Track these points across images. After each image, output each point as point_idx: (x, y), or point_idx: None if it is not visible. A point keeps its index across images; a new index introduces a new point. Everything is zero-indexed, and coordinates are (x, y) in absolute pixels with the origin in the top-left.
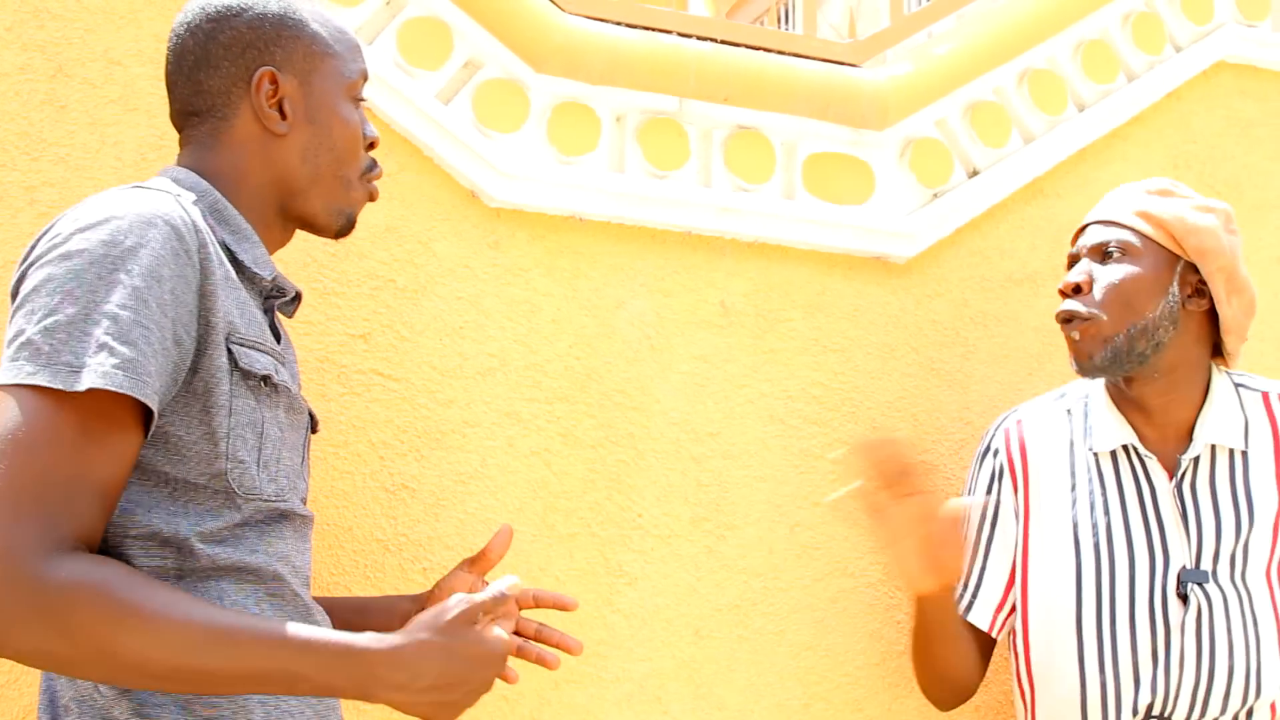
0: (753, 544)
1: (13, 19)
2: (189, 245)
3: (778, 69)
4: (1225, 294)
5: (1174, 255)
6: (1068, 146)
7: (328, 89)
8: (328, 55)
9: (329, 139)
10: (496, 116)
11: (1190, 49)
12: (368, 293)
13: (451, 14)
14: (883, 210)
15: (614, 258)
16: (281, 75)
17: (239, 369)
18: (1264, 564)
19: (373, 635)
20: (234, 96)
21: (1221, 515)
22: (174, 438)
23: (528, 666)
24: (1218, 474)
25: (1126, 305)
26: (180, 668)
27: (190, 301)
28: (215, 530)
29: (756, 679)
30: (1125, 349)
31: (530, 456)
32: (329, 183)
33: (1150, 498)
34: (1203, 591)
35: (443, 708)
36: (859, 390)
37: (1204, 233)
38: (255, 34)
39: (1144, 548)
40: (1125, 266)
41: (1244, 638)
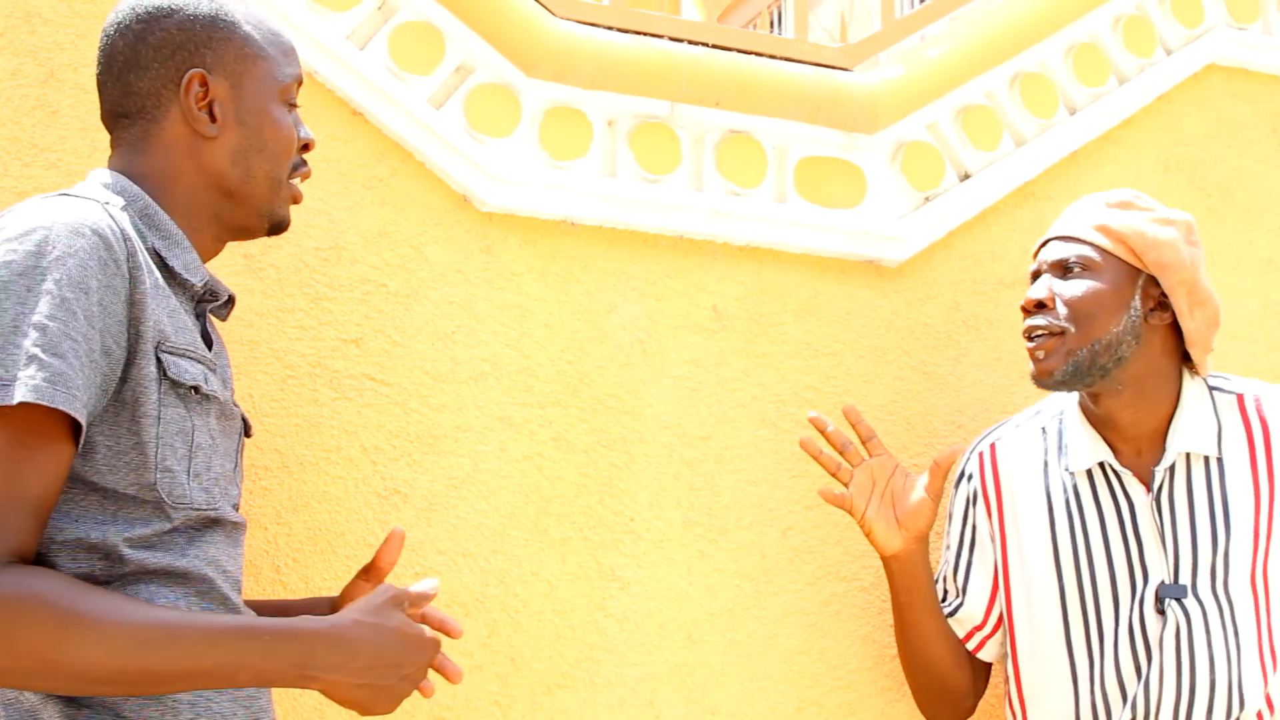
0: (745, 548)
1: (4, 24)
2: (117, 254)
3: (769, 73)
4: (1188, 307)
5: (1135, 269)
6: (1059, 150)
7: (259, 91)
8: (260, 58)
9: (259, 141)
10: (488, 121)
11: (1181, 52)
12: (359, 297)
13: (443, 19)
14: (874, 214)
15: (606, 262)
16: (212, 77)
17: (168, 378)
18: (1247, 570)
19: (309, 618)
20: (164, 98)
21: (1198, 527)
22: (103, 448)
23: (518, 670)
24: (1194, 483)
25: (1089, 320)
26: (124, 670)
27: (119, 311)
28: (144, 536)
29: (749, 683)
30: (1087, 363)
31: (522, 461)
32: (260, 185)
33: (1129, 514)
34: (1181, 607)
35: (379, 692)
36: (851, 394)
37: (1164, 246)
38: (185, 35)
39: (1124, 565)
40: (1086, 281)
41: (1225, 651)
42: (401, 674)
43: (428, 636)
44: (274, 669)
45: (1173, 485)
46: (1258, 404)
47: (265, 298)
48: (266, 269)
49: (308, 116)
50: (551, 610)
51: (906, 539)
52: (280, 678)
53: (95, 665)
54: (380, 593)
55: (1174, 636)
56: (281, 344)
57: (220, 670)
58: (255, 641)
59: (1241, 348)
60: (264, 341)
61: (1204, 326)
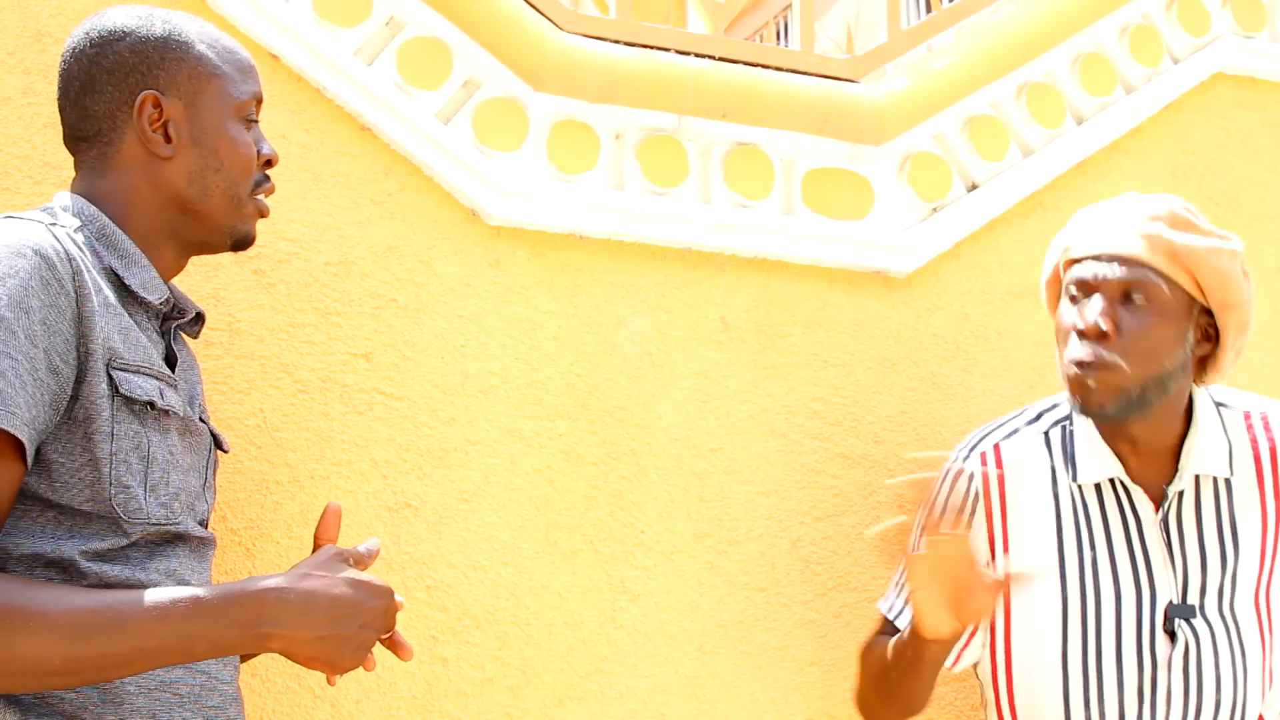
0: (755, 559)
1: (15, 44)
2: (60, 274)
3: (776, 85)
4: (1233, 340)
5: (1193, 300)
6: (1066, 159)
7: (214, 110)
8: (214, 76)
9: (216, 159)
10: (496, 135)
11: (1188, 60)
12: (369, 312)
13: (450, 34)
14: (882, 225)
15: (614, 275)
16: (165, 98)
17: (120, 395)
18: (1251, 591)
19: (257, 577)
20: (119, 121)
21: (1207, 548)
22: (56, 465)
23: (529, 682)
24: (1203, 504)
25: (1148, 357)
26: (75, 659)
27: (65, 330)
28: (101, 550)
29: (760, 695)
30: (1137, 398)
31: (532, 474)
32: (219, 203)
33: (1136, 530)
34: (1190, 627)
35: (342, 645)
36: (860, 405)
37: (1230, 282)
38: (138, 58)
39: (1130, 582)
40: (1151, 315)
41: (1231, 672)
42: (361, 623)
43: (380, 584)
44: (229, 635)
45: (1181, 506)
46: (1265, 422)
47: (275, 312)
48: (276, 284)
49: (316, 132)
50: (562, 622)
51: (955, 628)
52: (238, 642)
53: (46, 658)
54: (322, 552)
55: (1182, 657)
56: (292, 358)
57: (174, 645)
58: (204, 609)
59: (1249, 356)
60: (274, 356)
61: (1235, 356)
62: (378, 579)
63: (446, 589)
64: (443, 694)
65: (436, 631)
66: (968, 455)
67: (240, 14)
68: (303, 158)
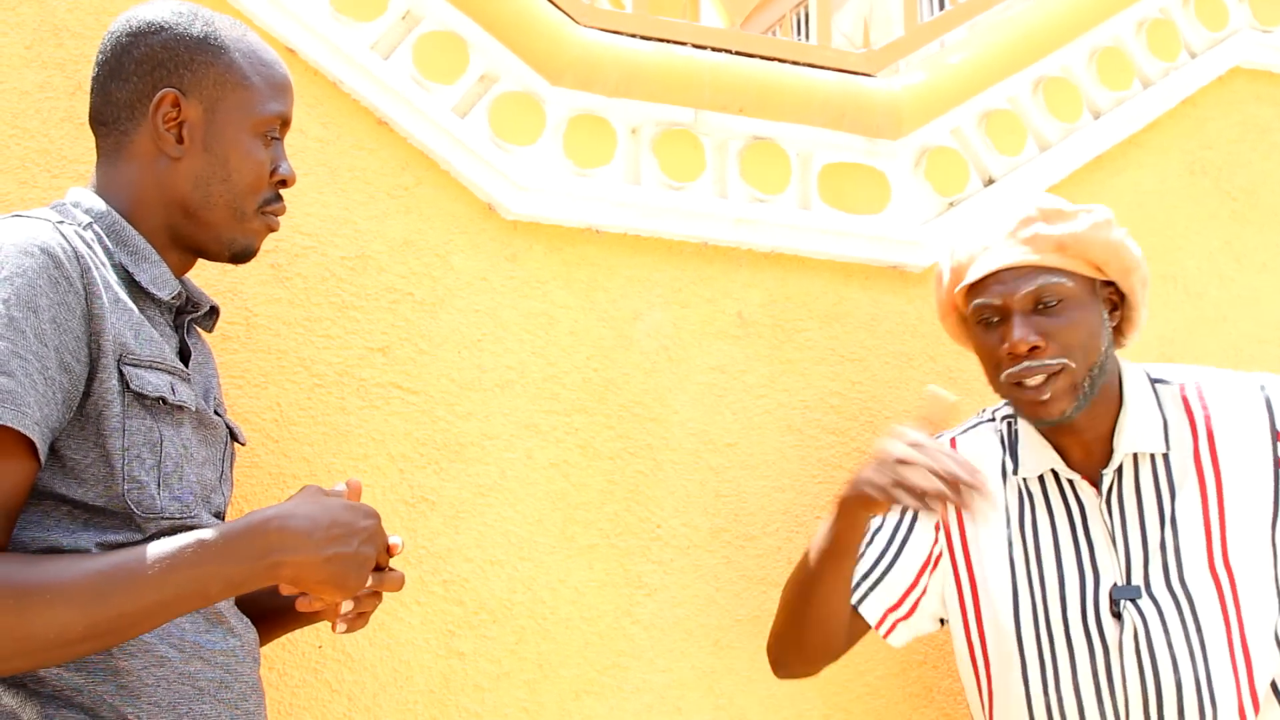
0: (771, 554)
1: (32, 38)
2: (68, 272)
3: (792, 79)
4: (1143, 298)
5: (1094, 280)
6: (1083, 154)
7: (232, 120)
8: (240, 86)
9: (223, 170)
10: (513, 129)
11: (1205, 55)
12: (386, 306)
13: (467, 28)
14: (899, 219)
15: (631, 269)
16: (185, 99)
17: (130, 390)
18: (1203, 562)
19: (256, 512)
20: (136, 112)
21: (1147, 524)
22: (70, 461)
23: (546, 677)
24: (1142, 481)
25: (1085, 349)
26: (95, 623)
27: (76, 327)
28: (116, 543)
29: (776, 690)
30: (1089, 391)
31: (549, 468)
32: (220, 213)
33: (1080, 517)
34: (1136, 608)
35: (347, 564)
36: (877, 399)
37: (1122, 250)
38: (168, 53)
39: (1074, 569)
40: (1069, 312)
41: (1188, 650)
42: (359, 539)
43: (366, 505)
44: (241, 570)
45: (1121, 485)
46: (1199, 392)
47: (292, 307)
48: (294, 278)
49: (333, 126)
50: (579, 617)
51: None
52: (251, 577)
53: (67, 628)
54: (303, 490)
55: (1133, 639)
56: (309, 353)
57: (190, 590)
58: (213, 550)
59: (1266, 350)
60: (291, 350)
61: (1143, 311)
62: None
63: (463, 583)
64: (459, 688)
65: (453, 625)
66: None
67: (257, 8)
68: (319, 152)
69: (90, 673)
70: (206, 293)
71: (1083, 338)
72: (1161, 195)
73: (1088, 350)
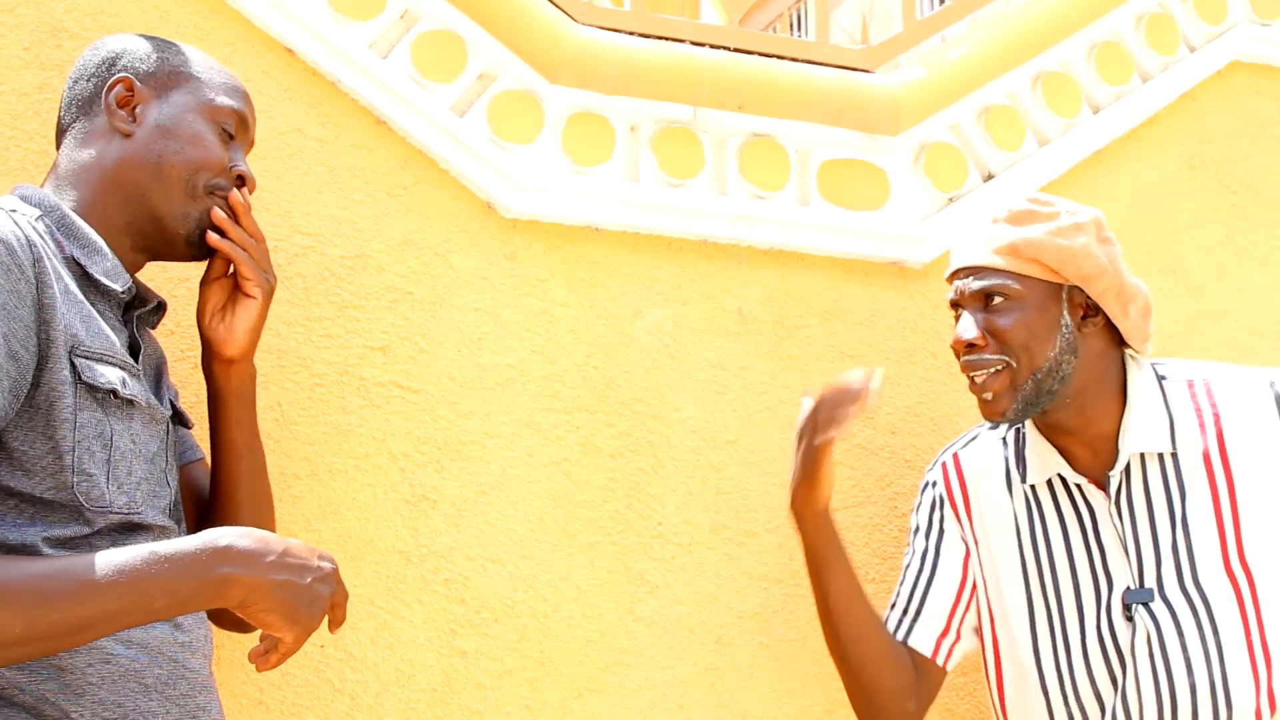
0: (773, 551)
1: (30, 39)
2: (20, 259)
3: (791, 76)
4: (1120, 309)
5: (1056, 284)
6: (1083, 149)
7: (185, 104)
8: (193, 78)
9: (176, 143)
10: (511, 128)
11: (1204, 49)
12: (386, 305)
13: (465, 27)
14: (898, 215)
15: (630, 267)
16: (139, 85)
17: (83, 382)
18: (1218, 561)
19: (210, 530)
20: (95, 106)
21: (1158, 526)
22: (18, 452)
23: (548, 675)
24: (1151, 482)
25: (1025, 350)
26: (35, 626)
27: (25, 316)
28: (64, 537)
29: (779, 686)
30: (1034, 395)
31: (550, 466)
32: (173, 184)
33: (1090, 522)
34: (1148, 611)
35: (299, 595)
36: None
37: (1080, 256)
38: (126, 53)
39: (1087, 574)
40: (1012, 313)
41: (1203, 652)
42: (314, 575)
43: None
44: (188, 585)
45: (1130, 487)
46: (1208, 388)
47: (292, 306)
48: (293, 278)
49: (332, 126)
50: (581, 615)
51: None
52: (198, 594)
53: (4, 629)
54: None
55: (1145, 643)
56: (309, 352)
57: (133, 601)
58: (161, 561)
59: (1266, 344)
60: (291, 350)
61: (1140, 320)
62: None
63: (465, 582)
64: (461, 687)
65: (455, 624)
66: (932, 468)
67: (256, 9)
68: (318, 151)
69: (33, 671)
70: (150, 288)
71: (1024, 339)
72: (1161, 189)
73: (1031, 352)
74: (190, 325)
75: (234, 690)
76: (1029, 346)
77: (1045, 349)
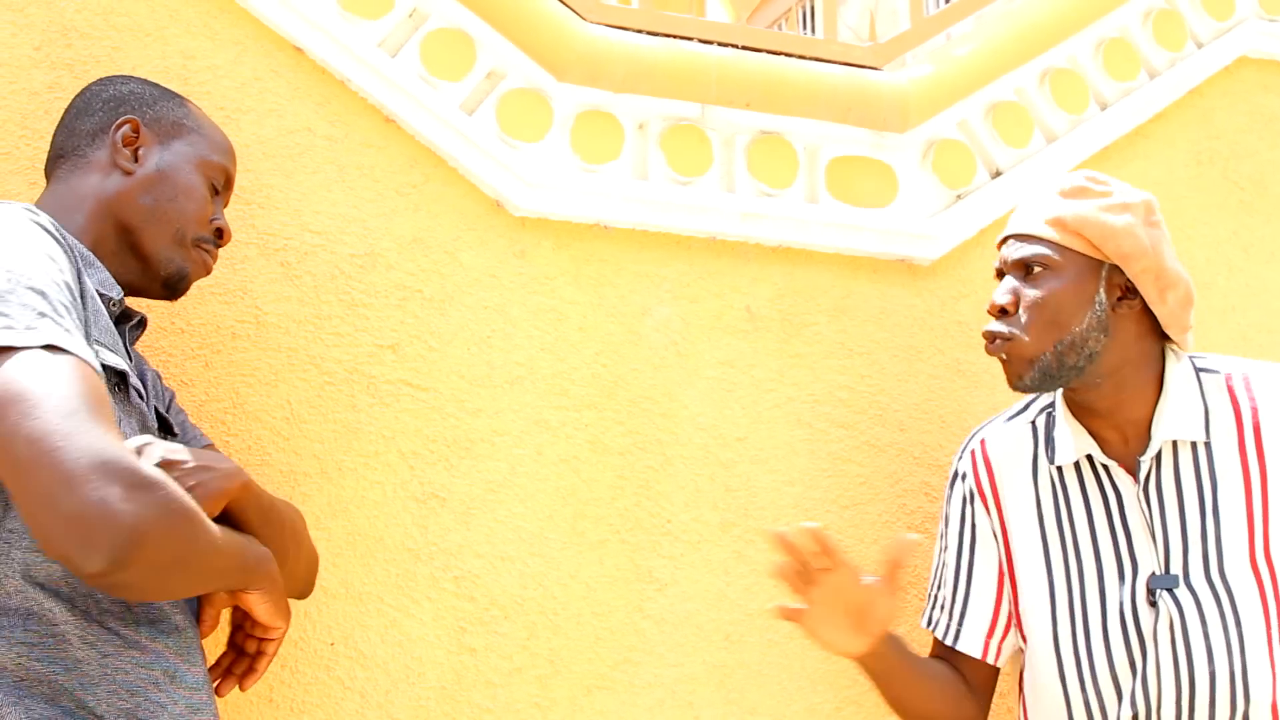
0: None
1: (41, 38)
2: (62, 245)
3: (799, 73)
4: (1157, 292)
5: (1097, 261)
6: (1090, 145)
7: (184, 154)
8: (194, 132)
9: (171, 190)
10: (520, 126)
11: (1212, 45)
12: (395, 303)
13: (474, 25)
14: (906, 212)
15: (639, 265)
16: (145, 129)
17: (106, 366)
18: (1245, 555)
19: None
20: (98, 140)
21: (1187, 514)
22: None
23: (558, 672)
24: (1182, 470)
25: (1051, 323)
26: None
27: (73, 285)
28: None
29: (788, 683)
30: (1054, 366)
31: (559, 464)
32: (164, 230)
33: (1117, 505)
34: (1172, 598)
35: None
36: (885, 393)
37: (1121, 234)
38: (135, 96)
39: (1111, 558)
40: (1047, 283)
41: (1224, 642)
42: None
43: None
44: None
45: (1160, 474)
46: (1246, 382)
47: (302, 305)
48: (303, 276)
49: (341, 124)
50: (590, 612)
51: (869, 641)
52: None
53: (217, 555)
54: None
55: (1168, 629)
56: (318, 350)
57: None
58: (249, 544)
59: (1275, 340)
60: (301, 348)
61: (1177, 308)
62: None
63: (474, 579)
64: (471, 684)
65: (465, 622)
66: (961, 456)
67: (265, 7)
68: (328, 150)
69: (51, 661)
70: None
71: (1050, 312)
72: (1169, 186)
73: (1053, 326)
74: (198, 324)
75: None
76: (1055, 319)
77: (1071, 323)
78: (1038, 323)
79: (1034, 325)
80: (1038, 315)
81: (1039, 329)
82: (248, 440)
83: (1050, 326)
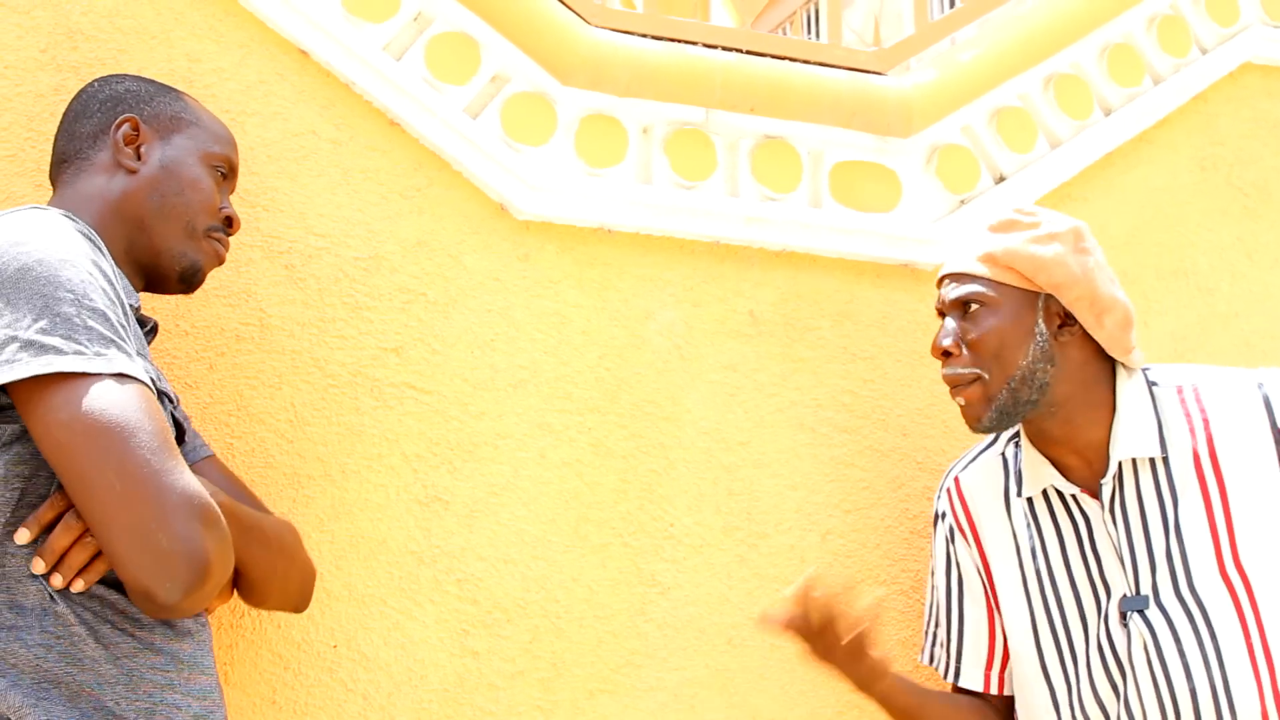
0: (784, 552)
1: (47, 41)
2: (99, 249)
3: (803, 78)
4: (1094, 318)
5: (1032, 292)
6: (1094, 151)
7: (186, 148)
8: (193, 124)
9: (177, 184)
10: (524, 130)
11: (1216, 51)
12: (399, 306)
13: (478, 29)
14: (910, 217)
15: (643, 269)
16: (144, 126)
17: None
18: (1213, 567)
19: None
20: (100, 141)
21: (1151, 533)
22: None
23: (560, 675)
24: (1143, 489)
25: (996, 358)
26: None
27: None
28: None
29: (790, 687)
30: (1010, 403)
31: (562, 467)
32: (174, 225)
33: (1086, 531)
34: (1143, 619)
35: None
36: (888, 398)
37: (1052, 265)
38: (131, 94)
39: (1086, 584)
40: (987, 320)
41: (1201, 658)
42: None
43: None
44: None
45: (1123, 495)
46: (1196, 394)
47: (306, 307)
48: (307, 279)
49: (346, 128)
50: (592, 616)
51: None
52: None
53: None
54: None
55: (1143, 650)
56: (322, 353)
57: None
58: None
59: (1273, 346)
60: (305, 351)
61: (1117, 331)
62: None
63: (477, 582)
64: (474, 687)
65: (467, 625)
66: (939, 496)
67: (270, 10)
68: (332, 153)
69: (71, 660)
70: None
71: (995, 347)
72: (1173, 191)
73: (1002, 361)
74: (202, 327)
75: (247, 690)
76: (1000, 355)
77: (1017, 357)
78: (985, 361)
79: (983, 363)
80: (983, 354)
81: (989, 368)
82: (252, 443)
83: (996, 362)
